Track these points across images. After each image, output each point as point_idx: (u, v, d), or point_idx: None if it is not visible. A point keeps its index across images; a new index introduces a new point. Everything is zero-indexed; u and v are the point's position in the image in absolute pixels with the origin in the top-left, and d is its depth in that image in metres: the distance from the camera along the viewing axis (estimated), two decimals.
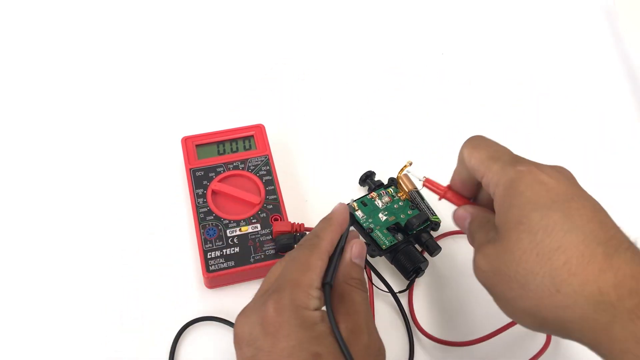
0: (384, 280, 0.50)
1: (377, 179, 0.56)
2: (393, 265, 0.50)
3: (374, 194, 0.54)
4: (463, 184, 0.42)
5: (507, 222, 0.35)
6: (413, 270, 0.49)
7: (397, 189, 0.54)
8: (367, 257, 0.48)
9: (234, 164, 0.55)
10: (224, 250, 0.50)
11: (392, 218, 0.52)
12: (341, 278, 0.39)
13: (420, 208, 0.52)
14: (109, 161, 0.59)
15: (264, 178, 0.54)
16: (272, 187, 0.54)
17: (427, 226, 0.51)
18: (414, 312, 0.50)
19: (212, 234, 0.51)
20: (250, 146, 0.57)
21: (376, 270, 0.51)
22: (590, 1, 0.75)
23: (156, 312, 0.50)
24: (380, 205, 0.53)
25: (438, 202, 0.45)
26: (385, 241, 0.50)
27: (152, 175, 0.58)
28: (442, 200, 0.44)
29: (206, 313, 0.50)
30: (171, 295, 0.51)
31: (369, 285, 0.50)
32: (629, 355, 0.31)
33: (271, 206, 0.53)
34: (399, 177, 0.53)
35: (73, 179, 0.58)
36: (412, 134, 0.62)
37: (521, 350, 0.48)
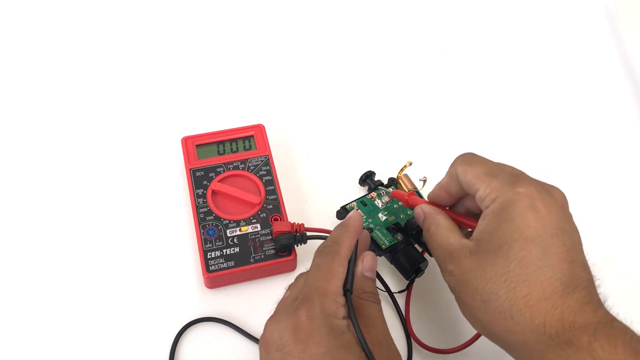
0: (383, 280, 0.50)
1: (377, 179, 0.56)
2: (393, 265, 0.50)
3: (373, 194, 0.54)
4: (448, 196, 0.44)
5: (489, 243, 0.38)
6: (413, 270, 0.49)
7: (397, 189, 0.54)
8: None
9: (234, 164, 0.55)
10: (224, 251, 0.50)
11: (392, 218, 0.52)
12: (354, 292, 0.40)
13: None
14: (109, 161, 0.59)
15: (264, 178, 0.54)
16: (272, 187, 0.54)
17: None
18: (409, 316, 0.49)
19: (212, 234, 0.51)
20: (250, 146, 0.57)
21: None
22: (590, 1, 0.75)
23: (156, 313, 0.50)
24: (380, 205, 0.53)
25: None
26: (385, 241, 0.50)
27: (152, 176, 0.58)
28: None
29: (206, 313, 0.50)
30: (171, 295, 0.51)
31: None
32: None
33: (271, 206, 0.53)
34: (399, 177, 0.54)
35: (73, 179, 0.58)
36: (412, 134, 0.62)
37: None
